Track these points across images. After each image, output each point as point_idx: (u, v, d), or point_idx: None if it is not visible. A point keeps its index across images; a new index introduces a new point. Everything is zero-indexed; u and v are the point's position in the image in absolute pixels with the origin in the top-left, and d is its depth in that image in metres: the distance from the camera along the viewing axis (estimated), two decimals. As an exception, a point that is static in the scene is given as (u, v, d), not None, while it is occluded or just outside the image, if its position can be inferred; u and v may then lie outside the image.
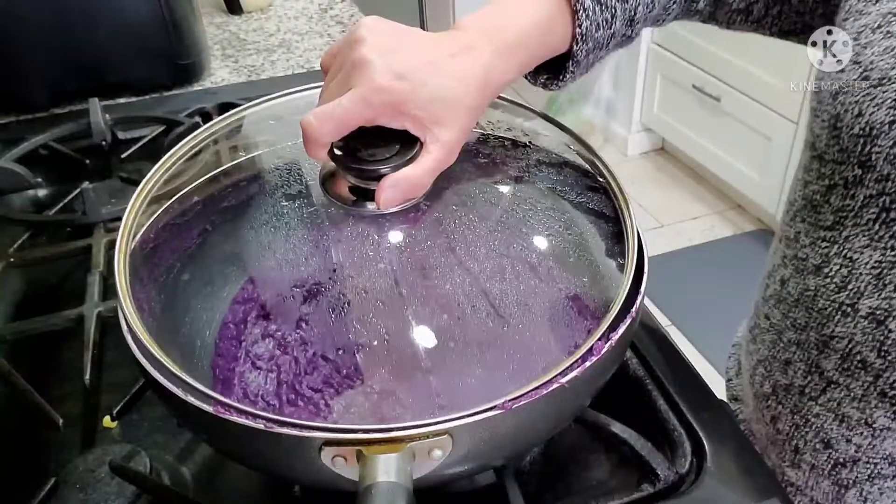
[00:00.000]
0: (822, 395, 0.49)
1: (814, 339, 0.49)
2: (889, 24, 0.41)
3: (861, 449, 0.48)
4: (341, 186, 0.40)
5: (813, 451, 0.51)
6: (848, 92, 0.42)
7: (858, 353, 0.45)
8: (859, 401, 0.47)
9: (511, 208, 0.45)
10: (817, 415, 0.50)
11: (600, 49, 0.45)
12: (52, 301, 0.59)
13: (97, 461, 0.41)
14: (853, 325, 0.45)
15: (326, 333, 0.41)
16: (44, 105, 0.86)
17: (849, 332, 0.46)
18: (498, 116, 0.49)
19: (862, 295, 0.44)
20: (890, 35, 0.40)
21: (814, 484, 0.52)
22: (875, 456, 0.48)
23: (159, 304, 0.40)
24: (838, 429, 0.49)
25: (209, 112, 0.80)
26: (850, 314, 0.45)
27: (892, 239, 0.42)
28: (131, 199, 0.42)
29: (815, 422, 0.50)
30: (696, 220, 2.12)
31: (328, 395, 0.40)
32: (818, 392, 0.49)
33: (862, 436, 0.48)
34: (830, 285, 0.46)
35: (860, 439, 0.48)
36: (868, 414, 0.47)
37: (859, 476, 0.49)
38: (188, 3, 0.89)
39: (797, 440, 0.52)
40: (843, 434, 0.49)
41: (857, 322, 0.45)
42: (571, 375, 0.33)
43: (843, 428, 0.48)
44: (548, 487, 0.45)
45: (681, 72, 2.07)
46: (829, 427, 0.49)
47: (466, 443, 0.32)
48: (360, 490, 0.30)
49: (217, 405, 0.32)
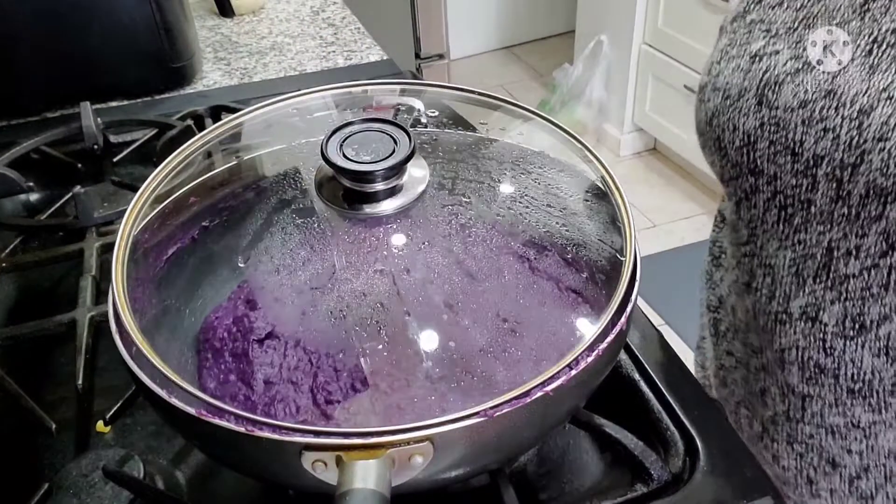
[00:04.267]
0: (806, 413, 0.49)
1: (772, 358, 0.49)
2: (728, 52, 0.47)
3: (863, 455, 0.48)
4: (337, 189, 0.41)
5: (824, 475, 0.51)
6: (718, 114, 0.47)
7: (810, 357, 0.46)
8: (835, 405, 0.47)
9: (508, 208, 0.45)
10: (811, 435, 0.50)
11: None
12: (44, 305, 0.59)
13: (91, 466, 0.41)
14: (794, 331, 0.46)
15: (324, 337, 0.41)
16: (35, 109, 0.86)
17: (793, 340, 0.46)
18: (494, 116, 0.49)
19: (789, 298, 0.46)
20: (732, 58, 0.46)
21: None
22: (878, 456, 0.48)
23: (152, 307, 0.40)
24: (835, 442, 0.49)
25: (201, 115, 0.80)
26: (786, 321, 0.46)
27: (796, 234, 0.44)
28: (129, 206, 0.41)
29: (813, 443, 0.50)
30: (688, 220, 2.13)
31: (325, 401, 0.40)
32: (800, 411, 0.49)
33: (857, 441, 0.48)
34: (762, 299, 0.48)
35: (858, 445, 0.48)
36: (850, 416, 0.47)
37: (876, 482, 0.49)
38: (180, 6, 0.89)
39: (806, 471, 0.52)
40: (841, 446, 0.49)
41: (794, 326, 0.46)
42: (556, 384, 0.33)
43: (838, 439, 0.48)
44: (541, 488, 0.45)
45: (672, 72, 2.08)
46: (826, 444, 0.49)
47: (448, 450, 0.32)
48: (336, 496, 0.29)
49: (200, 408, 0.32)
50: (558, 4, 2.98)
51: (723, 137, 0.47)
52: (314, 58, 1.00)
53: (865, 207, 0.40)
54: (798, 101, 0.42)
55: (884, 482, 0.49)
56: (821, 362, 0.46)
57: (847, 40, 0.42)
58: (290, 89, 0.49)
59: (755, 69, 0.44)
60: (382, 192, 0.40)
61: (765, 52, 0.44)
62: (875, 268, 0.41)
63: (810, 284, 0.44)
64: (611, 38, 2.25)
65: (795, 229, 0.44)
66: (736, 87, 0.45)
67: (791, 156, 0.43)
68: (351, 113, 0.50)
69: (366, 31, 1.07)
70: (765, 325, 0.49)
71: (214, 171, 0.47)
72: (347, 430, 0.31)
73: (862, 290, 0.42)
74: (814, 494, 0.53)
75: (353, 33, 1.06)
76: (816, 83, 0.41)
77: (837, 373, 0.45)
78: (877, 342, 0.43)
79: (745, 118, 0.45)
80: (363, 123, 0.41)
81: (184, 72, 0.92)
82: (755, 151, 0.45)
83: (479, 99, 0.49)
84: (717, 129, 0.47)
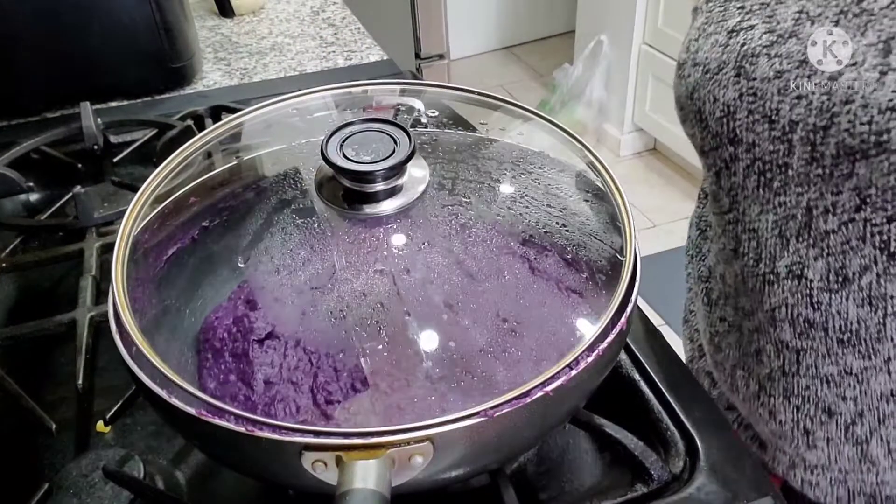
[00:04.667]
0: (800, 366, 0.51)
1: (764, 319, 0.51)
2: (705, 29, 0.50)
3: (857, 400, 0.50)
4: (337, 190, 0.41)
5: (821, 425, 0.53)
6: (698, 88, 0.50)
7: (799, 313, 0.49)
8: (828, 356, 0.49)
9: (508, 208, 0.45)
10: (807, 387, 0.52)
11: None
12: (44, 305, 0.59)
13: (91, 466, 0.41)
14: (782, 290, 0.49)
15: (324, 337, 0.41)
16: (35, 109, 0.86)
17: (782, 298, 0.49)
18: (494, 116, 0.49)
19: (775, 258, 0.48)
20: (710, 34, 0.49)
21: (836, 456, 0.54)
22: (871, 400, 0.50)
23: (152, 307, 0.40)
24: (830, 391, 0.51)
25: (201, 115, 0.80)
26: (774, 281, 0.49)
27: (777, 197, 0.47)
28: (129, 206, 0.41)
29: (809, 394, 0.52)
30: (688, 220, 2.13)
31: (325, 401, 0.40)
32: (795, 365, 0.51)
33: (851, 387, 0.50)
34: (749, 262, 0.51)
35: (851, 391, 0.50)
36: (843, 364, 0.49)
37: (871, 426, 0.51)
38: (180, 6, 0.89)
39: (803, 422, 0.53)
40: (836, 394, 0.50)
41: (782, 286, 0.49)
42: (556, 384, 0.33)
43: (833, 388, 0.50)
44: (541, 488, 0.45)
45: (672, 72, 2.08)
46: (822, 394, 0.51)
47: (448, 450, 0.32)
48: (336, 496, 0.29)
49: (200, 408, 0.32)
50: (558, 4, 2.98)
51: (703, 109, 0.50)
52: (314, 58, 1.00)
53: (838, 167, 0.43)
54: (774, 71, 0.45)
55: (877, 425, 0.51)
56: (810, 317, 0.48)
57: (847, 40, 0.43)
58: (290, 89, 0.49)
59: (732, 43, 0.47)
60: (382, 193, 0.40)
61: (741, 27, 0.47)
62: (852, 222, 0.44)
63: (794, 244, 0.47)
64: (611, 38, 2.25)
65: (775, 193, 0.47)
66: (715, 62, 0.48)
67: (769, 123, 0.46)
68: (351, 113, 0.50)
69: (366, 31, 1.07)
70: (753, 286, 0.51)
71: (214, 171, 0.47)
72: (347, 430, 0.31)
73: (842, 244, 0.45)
74: (810, 446, 0.54)
75: (353, 33, 1.07)
76: (790, 54, 0.44)
77: (826, 325, 0.48)
78: (860, 293, 0.45)
79: (724, 90, 0.48)
80: (363, 123, 0.41)
81: (184, 72, 0.92)
82: (735, 121, 0.48)
83: (479, 99, 0.49)
84: (697, 102, 0.50)
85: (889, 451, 0.52)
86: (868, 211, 0.42)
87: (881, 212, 0.42)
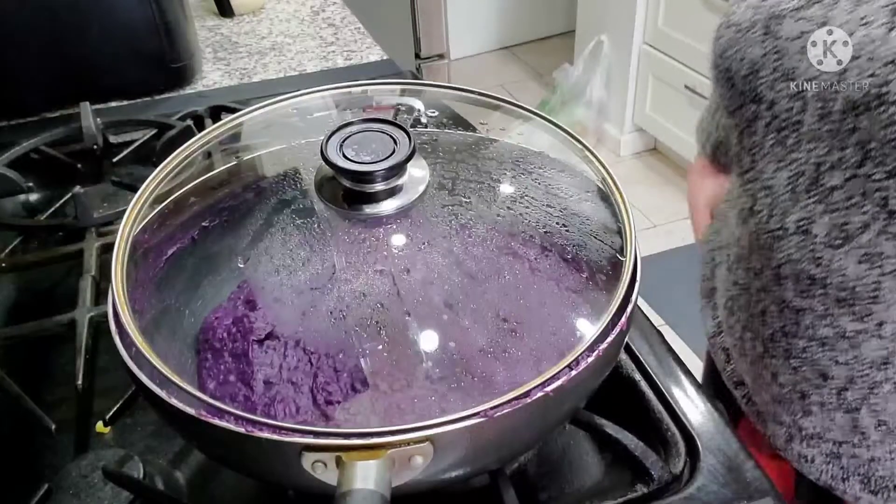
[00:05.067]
0: (800, 327, 0.53)
1: (770, 276, 0.54)
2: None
3: (849, 364, 0.52)
4: (337, 190, 0.40)
5: (815, 388, 0.55)
6: (730, 47, 0.53)
7: (802, 269, 0.51)
8: (824, 316, 0.51)
9: (508, 208, 0.45)
10: (804, 349, 0.54)
11: None
12: (44, 306, 0.59)
13: (90, 466, 0.41)
14: (789, 244, 0.51)
15: (324, 338, 0.41)
16: (35, 109, 0.86)
17: (788, 254, 0.52)
18: (494, 116, 0.49)
19: (786, 213, 0.51)
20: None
21: (829, 423, 0.55)
22: (864, 367, 0.52)
23: (152, 308, 0.40)
24: (824, 354, 0.53)
25: (201, 115, 0.80)
26: (782, 236, 0.52)
27: (790, 153, 0.50)
28: (129, 206, 0.41)
29: (806, 357, 0.54)
30: (688, 220, 2.12)
31: (325, 401, 0.40)
32: (795, 326, 0.54)
33: (844, 351, 0.52)
34: (763, 217, 0.54)
35: (844, 356, 0.52)
36: (839, 327, 0.51)
37: (861, 392, 0.53)
38: (179, 6, 0.89)
39: (800, 385, 0.55)
40: (830, 357, 0.53)
41: (789, 240, 0.51)
42: (556, 384, 0.33)
43: (827, 350, 0.53)
44: (541, 488, 0.45)
45: (673, 72, 2.08)
46: (818, 356, 0.53)
47: (448, 450, 0.32)
48: (336, 496, 0.29)
49: (200, 408, 0.32)
50: (558, 4, 2.98)
51: (731, 68, 0.53)
52: (314, 58, 1.00)
53: (844, 122, 0.46)
54: (797, 31, 0.48)
55: (867, 392, 0.52)
56: (812, 273, 0.51)
57: (847, 40, 0.45)
58: (290, 89, 0.49)
59: (764, 5, 0.51)
60: (382, 193, 0.40)
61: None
62: (855, 178, 0.46)
63: (804, 199, 0.50)
64: (611, 38, 2.25)
65: (789, 150, 0.50)
66: (747, 22, 0.52)
67: (787, 81, 0.49)
68: (351, 113, 0.50)
69: (366, 31, 1.07)
70: (764, 243, 0.54)
71: (214, 171, 0.47)
72: (347, 431, 0.31)
73: (846, 199, 0.47)
74: (805, 411, 0.56)
75: (353, 33, 1.06)
76: (813, 17, 0.48)
77: (826, 283, 0.50)
78: (859, 250, 0.48)
79: (751, 48, 0.51)
80: (363, 124, 0.41)
81: (184, 72, 0.92)
82: (758, 80, 0.51)
83: (479, 99, 0.49)
84: (727, 61, 0.54)
85: (879, 423, 0.53)
86: (869, 166, 0.45)
87: (881, 167, 0.44)
